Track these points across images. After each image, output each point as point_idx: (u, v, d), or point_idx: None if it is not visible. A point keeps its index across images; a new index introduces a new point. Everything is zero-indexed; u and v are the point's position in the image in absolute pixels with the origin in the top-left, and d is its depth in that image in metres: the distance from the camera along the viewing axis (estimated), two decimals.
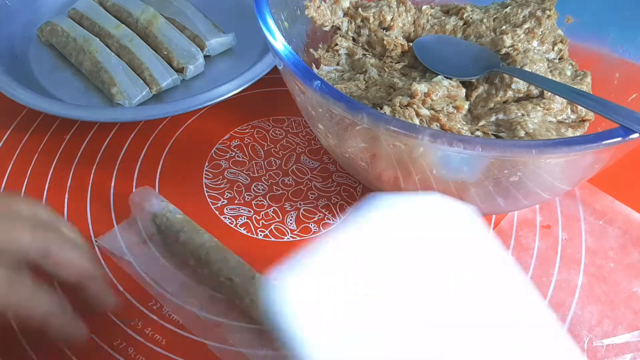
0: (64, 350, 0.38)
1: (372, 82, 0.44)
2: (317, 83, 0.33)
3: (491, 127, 0.41)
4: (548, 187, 0.38)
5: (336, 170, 0.49)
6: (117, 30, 0.56)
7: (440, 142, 0.31)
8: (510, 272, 0.27)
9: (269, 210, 0.46)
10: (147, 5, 0.58)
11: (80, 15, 0.58)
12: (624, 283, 0.42)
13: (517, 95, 0.42)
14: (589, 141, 0.31)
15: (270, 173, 0.49)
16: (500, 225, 0.45)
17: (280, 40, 0.36)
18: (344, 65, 0.48)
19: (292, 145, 0.51)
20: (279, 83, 0.54)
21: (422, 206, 0.27)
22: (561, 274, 0.42)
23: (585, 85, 0.44)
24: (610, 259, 0.43)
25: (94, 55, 0.54)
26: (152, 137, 0.51)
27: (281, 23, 0.43)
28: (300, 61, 0.35)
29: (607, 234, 0.45)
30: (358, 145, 0.37)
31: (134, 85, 0.52)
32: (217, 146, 0.51)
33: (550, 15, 0.46)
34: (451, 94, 0.41)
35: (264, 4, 0.38)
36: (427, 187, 0.38)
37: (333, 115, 0.35)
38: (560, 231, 0.45)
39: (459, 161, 0.34)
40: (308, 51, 0.48)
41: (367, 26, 0.48)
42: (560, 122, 0.42)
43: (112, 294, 0.37)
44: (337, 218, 0.46)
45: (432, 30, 0.49)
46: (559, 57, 0.47)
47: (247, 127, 0.52)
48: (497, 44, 0.45)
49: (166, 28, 0.56)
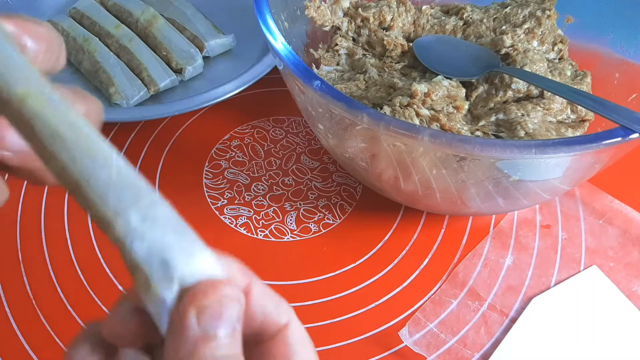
0: (65, 350, 0.38)
1: (372, 82, 0.44)
2: (317, 83, 0.33)
3: (491, 127, 0.41)
4: (548, 187, 0.38)
5: (336, 170, 0.49)
6: (116, 30, 0.56)
7: (440, 142, 0.31)
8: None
9: (269, 210, 0.46)
10: (147, 6, 0.58)
11: (81, 14, 0.58)
12: (624, 282, 0.42)
13: (517, 95, 0.42)
14: (589, 141, 0.31)
15: (270, 173, 0.49)
16: (500, 225, 0.45)
17: (280, 40, 0.36)
18: (344, 65, 0.48)
19: (292, 145, 0.51)
20: (279, 83, 0.54)
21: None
22: (561, 273, 0.42)
23: (585, 85, 0.44)
24: (610, 259, 0.43)
25: (93, 55, 0.53)
26: (152, 137, 0.51)
27: (281, 23, 0.43)
28: (300, 61, 0.35)
29: (606, 233, 0.45)
30: (358, 145, 0.37)
31: (132, 85, 0.52)
32: (217, 146, 0.51)
33: (550, 15, 0.46)
34: (451, 94, 0.41)
35: (264, 4, 0.38)
36: (427, 187, 0.38)
37: (333, 115, 0.35)
38: (560, 231, 0.45)
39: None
40: (308, 51, 0.48)
41: (367, 26, 0.48)
42: (560, 122, 0.42)
43: None
44: (337, 218, 0.46)
45: (432, 30, 0.49)
46: (559, 57, 0.47)
47: (247, 127, 0.52)
48: (497, 44, 0.45)
49: (166, 28, 0.56)
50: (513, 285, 0.42)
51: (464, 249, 0.44)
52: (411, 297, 0.41)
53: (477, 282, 0.42)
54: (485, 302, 0.41)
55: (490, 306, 0.41)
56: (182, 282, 0.17)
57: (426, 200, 0.40)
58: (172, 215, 0.18)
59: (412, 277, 0.43)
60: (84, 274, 0.42)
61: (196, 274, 0.17)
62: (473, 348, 0.38)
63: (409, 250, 0.44)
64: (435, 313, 0.40)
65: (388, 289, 0.42)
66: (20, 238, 0.44)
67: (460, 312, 0.40)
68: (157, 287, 0.17)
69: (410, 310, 0.41)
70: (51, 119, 0.18)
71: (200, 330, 0.17)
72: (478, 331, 0.39)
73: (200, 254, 0.18)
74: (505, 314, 0.40)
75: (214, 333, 0.17)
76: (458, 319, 0.40)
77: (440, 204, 0.41)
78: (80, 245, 0.44)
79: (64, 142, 0.18)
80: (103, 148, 0.18)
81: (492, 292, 0.41)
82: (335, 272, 0.43)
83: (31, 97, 0.18)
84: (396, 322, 0.40)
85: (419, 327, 0.39)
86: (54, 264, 0.42)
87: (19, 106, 0.18)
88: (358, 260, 0.43)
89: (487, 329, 0.39)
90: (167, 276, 0.17)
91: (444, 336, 0.39)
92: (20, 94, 0.18)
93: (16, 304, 0.40)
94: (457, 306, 0.41)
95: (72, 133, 0.18)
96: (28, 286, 0.41)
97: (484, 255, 0.43)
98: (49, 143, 0.18)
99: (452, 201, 0.39)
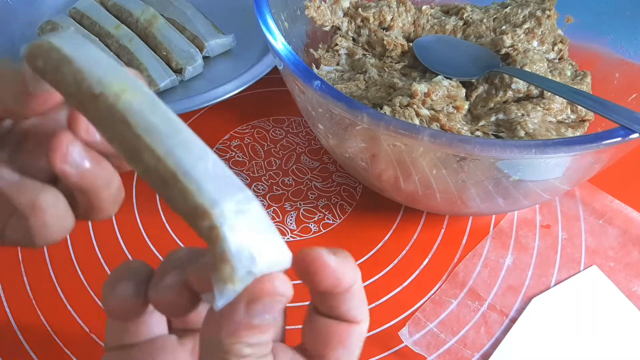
0: (64, 351, 0.38)
1: (372, 82, 0.44)
2: (317, 83, 0.33)
3: (491, 127, 0.41)
4: (548, 187, 0.38)
5: (336, 170, 0.49)
6: (116, 30, 0.56)
7: (440, 142, 0.31)
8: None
9: (269, 210, 0.46)
10: (147, 6, 0.58)
11: (81, 14, 0.58)
12: (624, 282, 0.42)
13: (517, 95, 0.42)
14: (589, 141, 0.31)
15: (270, 173, 0.49)
16: (500, 225, 0.45)
17: (280, 40, 0.36)
18: (344, 65, 0.48)
19: (292, 145, 0.51)
20: (279, 83, 0.54)
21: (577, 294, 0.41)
22: (561, 273, 0.42)
23: (585, 85, 0.44)
24: (610, 259, 0.43)
25: None
26: None
27: (281, 23, 0.43)
28: (300, 61, 0.35)
29: (606, 233, 0.45)
30: (358, 145, 0.37)
31: None
32: (217, 146, 0.51)
33: (550, 15, 0.46)
34: (451, 94, 0.41)
35: (264, 4, 0.38)
36: (427, 187, 0.38)
37: (333, 115, 0.35)
38: (560, 231, 0.45)
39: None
40: (308, 51, 0.48)
41: (367, 26, 0.48)
42: (560, 122, 0.42)
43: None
44: (337, 218, 0.46)
45: (432, 30, 0.49)
46: (559, 57, 0.47)
47: (247, 127, 0.52)
48: (497, 44, 0.45)
49: (166, 28, 0.56)
50: (513, 285, 0.42)
51: (464, 249, 0.44)
52: (411, 297, 0.41)
53: (477, 282, 0.42)
54: (485, 302, 0.41)
55: (490, 306, 0.41)
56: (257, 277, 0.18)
57: (426, 200, 0.40)
58: (262, 213, 0.19)
59: (412, 277, 0.43)
60: (84, 274, 0.42)
61: (273, 270, 0.18)
62: (473, 348, 0.38)
63: (409, 250, 0.44)
64: (435, 313, 0.40)
65: (388, 289, 0.42)
66: None
67: (460, 312, 0.40)
68: (239, 282, 0.18)
69: (410, 310, 0.41)
70: (148, 112, 0.19)
71: (247, 316, 0.18)
72: (478, 331, 0.39)
73: (284, 255, 0.19)
74: (505, 314, 0.40)
75: (258, 323, 0.18)
76: (458, 319, 0.40)
77: (440, 204, 0.41)
78: (80, 245, 0.44)
79: (161, 134, 0.18)
80: (198, 141, 0.19)
81: (492, 292, 0.41)
82: None
83: (128, 92, 0.19)
84: (396, 322, 0.40)
85: (419, 327, 0.39)
86: (54, 264, 0.42)
87: (114, 101, 0.19)
88: (358, 261, 0.43)
89: (487, 329, 0.39)
90: (250, 273, 0.18)
91: (444, 336, 0.39)
92: (117, 89, 0.19)
93: (16, 304, 0.40)
94: (457, 306, 0.41)
95: (169, 126, 0.19)
96: (28, 286, 0.41)
97: (484, 255, 0.43)
98: (146, 135, 0.18)
99: (452, 201, 0.39)
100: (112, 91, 0.19)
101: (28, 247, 0.25)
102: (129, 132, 0.18)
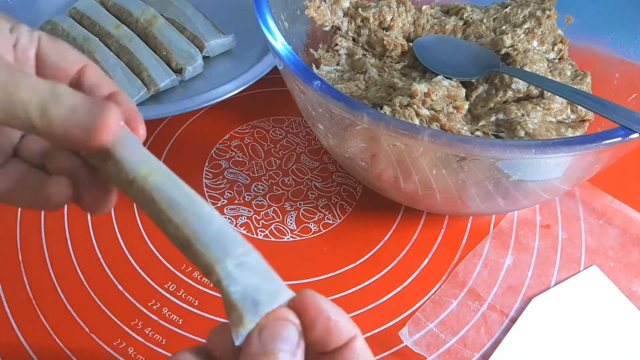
0: (64, 351, 0.38)
1: (372, 82, 0.44)
2: (317, 83, 0.33)
3: (491, 127, 0.41)
4: (548, 187, 0.38)
5: (336, 170, 0.49)
6: (116, 30, 0.56)
7: (440, 142, 0.31)
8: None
9: (269, 210, 0.46)
10: (147, 6, 0.58)
11: (81, 14, 0.58)
12: (624, 282, 0.42)
13: (517, 95, 0.42)
14: (589, 141, 0.31)
15: (270, 173, 0.49)
16: (500, 225, 0.45)
17: (280, 40, 0.36)
18: (344, 65, 0.48)
19: (292, 145, 0.51)
20: (279, 83, 0.54)
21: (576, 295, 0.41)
22: (561, 273, 0.42)
23: (585, 85, 0.44)
24: (610, 259, 0.43)
25: (93, 55, 0.53)
26: (152, 137, 0.51)
27: (281, 23, 0.43)
28: (300, 61, 0.35)
29: (606, 233, 0.45)
30: (358, 145, 0.37)
31: (132, 85, 0.52)
32: (217, 146, 0.51)
33: (550, 15, 0.46)
34: (451, 94, 0.41)
35: (264, 4, 0.38)
36: (427, 187, 0.38)
37: (333, 115, 0.35)
38: (560, 231, 0.45)
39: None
40: (308, 51, 0.48)
41: (367, 26, 0.48)
42: (560, 122, 0.42)
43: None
44: (337, 218, 0.46)
45: (432, 30, 0.49)
46: (559, 57, 0.47)
47: (247, 127, 0.52)
48: (497, 44, 0.45)
49: (166, 28, 0.56)
50: (513, 285, 0.42)
51: (464, 249, 0.44)
52: (411, 297, 0.41)
53: (477, 282, 0.42)
54: (485, 302, 0.41)
55: (490, 306, 0.41)
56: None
57: (426, 200, 0.40)
58: (261, 262, 0.23)
59: (412, 277, 0.43)
60: (84, 274, 0.42)
61: (275, 306, 0.22)
62: (473, 348, 0.39)
63: (409, 250, 0.44)
64: (435, 313, 0.40)
65: (388, 289, 0.42)
66: (20, 238, 0.44)
67: (460, 312, 0.40)
68: (248, 323, 0.21)
69: (410, 310, 0.41)
70: (168, 190, 0.23)
71: (260, 345, 0.21)
72: (478, 331, 0.39)
73: (283, 294, 0.22)
74: (505, 314, 0.40)
75: (272, 349, 0.21)
76: (458, 319, 0.40)
77: (440, 204, 0.41)
78: (80, 245, 0.44)
79: (179, 206, 0.23)
80: (206, 208, 0.24)
81: (492, 292, 0.41)
82: (335, 272, 0.43)
83: (153, 175, 0.23)
84: (396, 322, 0.40)
85: (419, 327, 0.39)
86: (54, 264, 0.42)
87: (142, 182, 0.23)
88: (358, 260, 0.43)
89: (487, 329, 0.39)
90: (257, 314, 0.21)
91: (444, 336, 0.39)
92: (144, 173, 0.23)
93: (16, 304, 0.40)
94: (457, 306, 0.41)
95: (186, 199, 0.23)
96: (28, 286, 0.41)
97: (484, 255, 0.43)
98: (167, 209, 0.23)
99: (452, 201, 0.39)
100: (141, 175, 0.23)
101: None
102: (155, 207, 0.23)
